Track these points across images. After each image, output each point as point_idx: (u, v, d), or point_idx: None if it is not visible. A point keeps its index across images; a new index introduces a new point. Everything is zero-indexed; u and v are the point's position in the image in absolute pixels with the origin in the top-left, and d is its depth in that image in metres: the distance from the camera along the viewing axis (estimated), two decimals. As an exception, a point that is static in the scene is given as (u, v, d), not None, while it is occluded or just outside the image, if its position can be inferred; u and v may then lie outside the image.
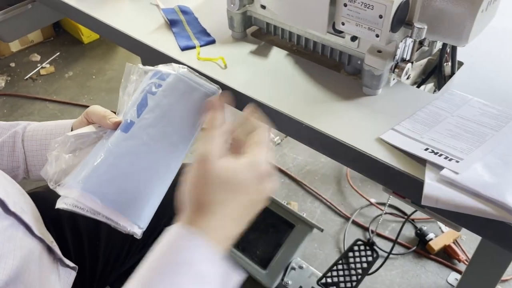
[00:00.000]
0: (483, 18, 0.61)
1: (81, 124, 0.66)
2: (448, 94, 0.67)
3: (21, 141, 0.69)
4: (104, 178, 0.55)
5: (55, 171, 0.58)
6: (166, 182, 0.59)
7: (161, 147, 0.58)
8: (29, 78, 2.21)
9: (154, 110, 0.59)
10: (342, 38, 0.69)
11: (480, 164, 0.53)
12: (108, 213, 0.54)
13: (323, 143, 0.64)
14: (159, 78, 0.61)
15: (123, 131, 0.58)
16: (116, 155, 0.56)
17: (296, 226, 1.37)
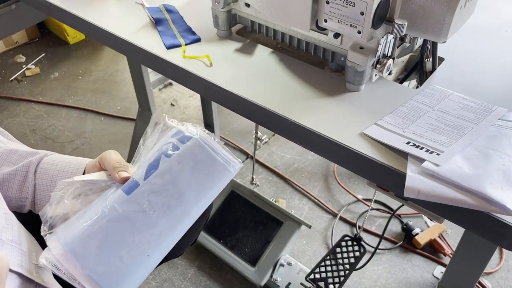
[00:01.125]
0: (462, 15, 0.62)
1: (93, 167, 0.63)
2: (429, 89, 0.68)
3: (33, 172, 0.66)
4: (92, 243, 0.51)
5: (53, 215, 0.55)
6: (156, 259, 0.55)
7: (160, 218, 0.54)
8: (14, 79, 2.18)
9: (163, 176, 0.55)
10: (325, 35, 0.70)
11: (460, 156, 0.55)
12: (85, 282, 0.50)
13: (308, 139, 0.65)
14: (179, 140, 0.56)
15: (125, 192, 0.54)
16: (110, 219, 0.52)
17: (284, 223, 1.38)
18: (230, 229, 1.40)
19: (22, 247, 0.60)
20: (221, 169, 0.57)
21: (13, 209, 0.70)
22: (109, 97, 2.07)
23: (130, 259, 0.52)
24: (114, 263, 0.51)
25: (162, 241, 0.54)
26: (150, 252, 0.53)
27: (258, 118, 0.70)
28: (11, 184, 0.67)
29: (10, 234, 0.59)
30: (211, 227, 1.40)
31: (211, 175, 0.56)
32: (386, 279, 1.36)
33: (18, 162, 0.68)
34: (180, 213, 0.55)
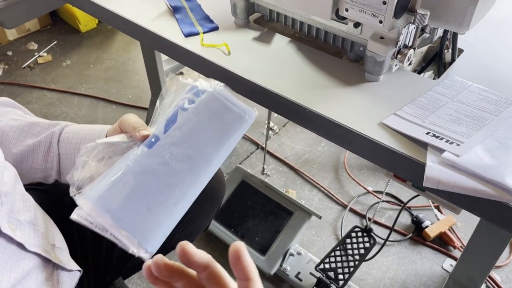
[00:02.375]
0: (484, 5, 0.62)
1: (114, 131, 0.65)
2: (448, 80, 0.68)
3: (57, 142, 0.68)
4: (119, 195, 0.53)
5: (79, 178, 0.56)
6: (182, 208, 0.56)
7: (182, 169, 0.56)
8: (26, 66, 2.20)
9: (182, 128, 0.57)
10: (345, 25, 0.70)
11: (480, 147, 0.55)
12: (116, 232, 0.52)
13: (326, 128, 0.65)
14: (194, 94, 0.59)
15: (147, 146, 0.56)
16: (135, 172, 0.54)
17: (294, 213, 1.39)
18: (241, 218, 1.41)
19: (39, 228, 0.62)
20: (237, 118, 0.59)
21: (40, 179, 0.71)
22: (120, 85, 2.08)
23: (157, 209, 0.54)
24: (142, 213, 0.53)
25: (186, 190, 0.56)
26: (176, 201, 0.55)
27: (276, 107, 0.71)
28: (36, 155, 0.68)
29: (28, 216, 0.60)
30: (222, 216, 1.41)
31: (228, 125, 0.59)
32: (395, 270, 1.37)
33: (40, 134, 0.69)
34: (201, 162, 0.57)
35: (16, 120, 0.70)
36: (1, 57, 2.24)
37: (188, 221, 0.88)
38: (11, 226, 0.53)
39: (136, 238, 0.52)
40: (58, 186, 0.82)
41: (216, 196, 0.94)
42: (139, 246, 0.52)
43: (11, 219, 0.54)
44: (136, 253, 0.52)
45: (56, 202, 0.78)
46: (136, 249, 0.52)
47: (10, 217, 0.54)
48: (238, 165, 1.53)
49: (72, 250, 0.70)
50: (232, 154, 1.73)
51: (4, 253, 0.52)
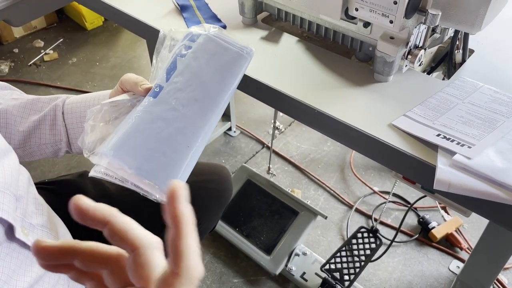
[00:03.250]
0: (496, 6, 0.61)
1: (116, 93, 0.65)
2: (459, 81, 0.67)
3: (61, 114, 0.68)
4: (133, 145, 0.53)
5: (90, 140, 0.57)
6: (196, 150, 0.57)
7: (191, 112, 0.56)
8: (32, 64, 2.20)
9: (183, 74, 0.57)
10: (354, 25, 0.69)
11: (492, 149, 0.54)
12: (136, 180, 0.52)
13: (335, 129, 0.64)
14: (189, 40, 0.59)
15: (152, 96, 0.56)
16: (145, 121, 0.55)
17: (300, 213, 1.38)
18: (246, 218, 1.40)
19: (51, 231, 0.62)
20: (236, 56, 0.60)
21: (51, 155, 0.71)
22: (126, 83, 2.08)
23: (172, 153, 0.54)
24: (158, 158, 0.54)
25: (198, 132, 0.57)
26: (189, 143, 0.56)
27: (283, 107, 0.70)
28: (43, 130, 0.69)
29: (41, 219, 0.60)
30: (227, 215, 1.41)
31: (228, 63, 0.59)
32: (401, 271, 1.36)
33: (43, 108, 0.69)
34: (207, 102, 0.58)
35: (16, 99, 0.70)
36: (7, 55, 2.25)
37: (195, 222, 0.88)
38: (24, 231, 0.53)
39: (157, 184, 0.52)
40: (64, 185, 0.82)
41: (223, 196, 0.94)
42: (162, 191, 0.53)
43: (24, 224, 0.54)
44: (159, 199, 0.52)
45: (62, 202, 0.78)
46: (159, 194, 0.52)
47: (23, 221, 0.54)
48: (243, 164, 1.52)
49: None
50: (237, 153, 1.73)
51: (18, 258, 0.51)
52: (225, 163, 1.70)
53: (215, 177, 0.94)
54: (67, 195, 0.78)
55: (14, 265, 0.51)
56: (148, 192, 0.52)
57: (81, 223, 0.32)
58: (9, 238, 0.51)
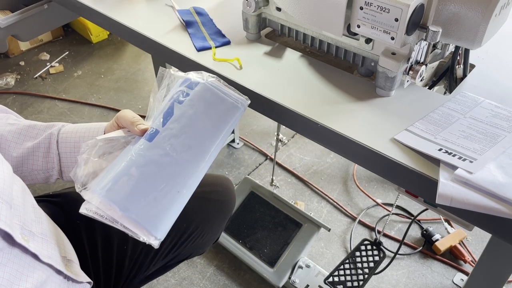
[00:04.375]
0: (496, 22, 0.62)
1: (112, 128, 0.67)
2: (460, 96, 0.68)
3: (55, 143, 0.70)
4: (125, 187, 0.55)
5: (83, 174, 0.59)
6: (186, 195, 0.59)
7: (184, 158, 0.58)
8: (38, 76, 2.23)
9: (180, 120, 0.59)
10: (357, 40, 0.70)
11: (493, 164, 0.55)
12: (126, 222, 0.54)
13: (338, 143, 0.65)
14: (187, 87, 0.61)
15: (147, 139, 0.58)
16: (138, 164, 0.56)
17: (303, 225, 1.39)
18: (249, 230, 1.41)
19: (52, 239, 0.62)
20: (231, 107, 0.62)
21: (42, 181, 0.73)
22: (130, 96, 2.10)
23: (162, 197, 0.56)
24: (148, 202, 0.55)
25: (189, 178, 0.59)
26: (180, 188, 0.58)
27: (287, 121, 0.71)
28: (36, 156, 0.70)
29: (40, 227, 0.61)
30: (230, 227, 1.41)
31: (223, 114, 0.61)
32: (405, 284, 1.36)
33: (38, 136, 0.71)
34: (200, 150, 0.60)
35: (12, 125, 0.71)
36: (13, 67, 2.28)
37: (199, 233, 0.89)
38: (24, 238, 0.54)
39: (146, 227, 0.54)
40: (68, 197, 0.83)
41: (226, 208, 0.95)
42: (149, 234, 0.54)
43: (24, 231, 0.55)
44: (146, 240, 0.54)
45: (66, 215, 0.79)
46: (146, 237, 0.54)
47: (23, 229, 0.55)
48: (246, 176, 1.53)
49: (83, 262, 0.70)
50: (240, 165, 1.74)
51: (19, 263, 0.52)
52: (228, 175, 1.70)
53: (219, 188, 0.95)
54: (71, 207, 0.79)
55: (15, 270, 0.51)
56: (136, 234, 0.54)
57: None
58: (10, 244, 0.52)
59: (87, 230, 0.79)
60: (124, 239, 0.81)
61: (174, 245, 0.85)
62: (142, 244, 0.82)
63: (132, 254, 0.81)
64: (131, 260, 0.81)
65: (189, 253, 0.92)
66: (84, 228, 0.79)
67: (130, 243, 0.81)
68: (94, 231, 0.79)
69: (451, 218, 0.69)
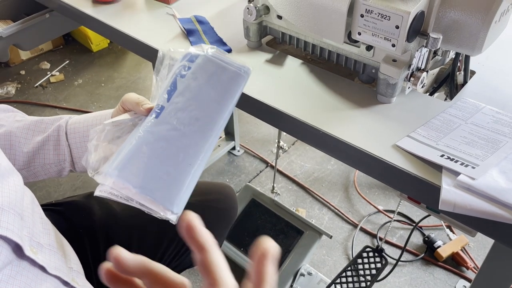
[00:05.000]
0: (496, 29, 0.63)
1: (118, 112, 0.66)
2: (461, 102, 0.68)
3: (64, 134, 0.70)
4: (136, 164, 0.55)
5: (94, 160, 0.59)
6: (198, 168, 0.58)
7: (191, 131, 0.58)
8: (39, 85, 2.23)
9: (184, 94, 0.59)
10: (357, 48, 0.71)
11: (496, 170, 0.55)
12: (140, 199, 0.53)
13: (340, 150, 0.65)
14: (188, 60, 0.61)
15: (154, 116, 0.58)
16: (147, 141, 0.56)
17: (305, 232, 1.38)
18: (251, 237, 1.40)
19: (59, 251, 0.62)
20: (234, 75, 0.62)
21: (54, 174, 0.73)
22: (131, 104, 2.10)
23: (175, 172, 0.56)
24: (161, 177, 0.55)
25: (199, 150, 0.58)
26: (191, 161, 0.57)
27: (289, 129, 0.71)
28: (47, 150, 0.70)
29: (48, 239, 0.61)
30: (232, 235, 1.41)
31: (227, 83, 0.61)
32: (407, 291, 1.35)
33: (47, 129, 0.70)
34: (208, 121, 0.59)
35: (20, 121, 0.71)
36: (14, 76, 2.28)
37: None
38: (33, 250, 0.54)
39: (161, 202, 0.54)
40: (71, 206, 0.83)
41: (228, 216, 0.95)
42: (165, 208, 0.54)
43: (33, 243, 0.55)
44: (163, 216, 0.54)
45: (69, 223, 0.78)
46: (163, 212, 0.54)
47: (32, 241, 0.55)
48: (247, 184, 1.53)
49: (86, 272, 0.70)
50: (241, 172, 1.74)
51: (28, 276, 0.52)
52: (229, 182, 1.70)
53: (221, 196, 0.95)
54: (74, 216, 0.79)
55: (24, 283, 0.51)
56: (152, 210, 0.54)
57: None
58: (19, 256, 0.52)
59: (90, 239, 0.79)
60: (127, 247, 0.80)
61: (176, 254, 0.85)
62: (144, 253, 0.81)
63: None
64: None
65: (191, 262, 0.92)
66: (87, 237, 0.79)
67: (133, 251, 0.81)
68: (97, 240, 0.79)
69: (454, 224, 0.69)
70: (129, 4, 1.00)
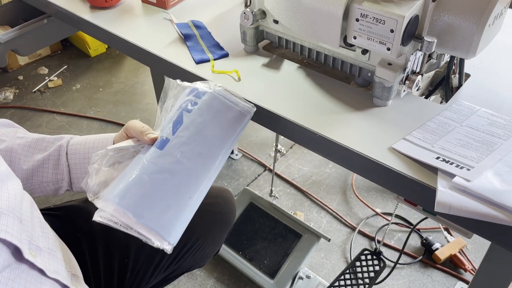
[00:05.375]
0: (490, 32, 0.63)
1: (121, 138, 0.68)
2: (456, 104, 0.69)
3: (65, 154, 0.71)
4: (138, 194, 0.56)
5: (95, 183, 0.60)
6: (197, 200, 0.60)
7: (194, 165, 0.60)
8: (37, 90, 2.24)
9: (189, 128, 0.60)
10: (353, 51, 0.71)
11: (491, 172, 0.55)
12: (140, 228, 0.55)
13: (337, 153, 0.66)
14: (195, 96, 0.63)
15: (158, 148, 0.59)
16: (151, 172, 0.58)
17: (303, 236, 1.39)
18: (249, 241, 1.41)
19: (58, 254, 0.62)
20: (238, 114, 0.64)
21: (51, 192, 0.73)
22: (129, 108, 2.11)
23: (175, 203, 0.58)
24: (162, 208, 0.57)
25: (200, 184, 0.60)
26: (191, 194, 0.59)
27: (286, 132, 0.72)
28: (46, 168, 0.71)
29: (47, 242, 0.61)
30: (230, 239, 1.41)
31: (231, 121, 0.63)
32: (406, 294, 1.35)
33: (48, 148, 0.71)
34: (210, 157, 0.61)
35: (21, 138, 0.72)
36: (12, 82, 2.29)
37: (199, 246, 0.89)
38: (32, 253, 0.54)
39: (159, 233, 0.56)
40: (69, 211, 0.83)
41: (227, 219, 0.95)
42: (163, 239, 0.56)
43: (32, 246, 0.55)
44: (160, 246, 0.56)
45: (67, 228, 0.79)
46: (160, 242, 0.56)
47: (31, 244, 0.55)
48: (246, 187, 1.53)
49: (85, 276, 0.70)
50: (239, 176, 1.74)
51: (27, 279, 0.52)
52: (228, 186, 1.70)
53: (219, 200, 0.95)
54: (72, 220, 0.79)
55: (23, 286, 0.52)
56: (150, 240, 0.55)
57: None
58: (18, 259, 0.52)
59: (89, 243, 0.79)
60: (126, 252, 0.81)
61: (175, 258, 0.85)
62: (143, 257, 0.82)
63: (133, 267, 0.81)
64: (132, 273, 0.81)
65: (189, 266, 0.92)
66: (85, 241, 0.79)
67: (132, 256, 0.81)
68: (95, 245, 0.79)
69: (450, 226, 0.70)
70: (126, 9, 1.01)
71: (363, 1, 0.62)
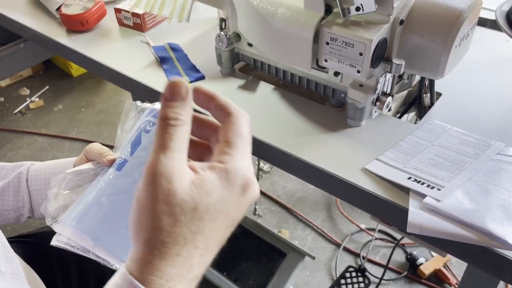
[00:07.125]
0: (458, 53, 0.65)
1: (81, 161, 0.67)
2: (428, 124, 0.70)
3: (25, 181, 0.70)
4: (95, 216, 0.55)
5: (53, 208, 0.59)
6: None
7: None
8: (18, 112, 2.21)
9: (147, 149, 0.60)
10: (326, 73, 0.72)
11: (460, 191, 0.56)
12: (98, 251, 0.54)
13: (310, 174, 0.66)
14: (153, 116, 0.62)
15: (116, 169, 0.59)
16: (108, 193, 0.57)
17: (288, 254, 1.38)
18: (234, 261, 1.39)
19: (23, 279, 0.61)
20: None
21: (12, 221, 0.72)
22: (112, 128, 2.10)
23: None
24: (120, 230, 0.55)
25: None
26: None
27: (261, 154, 0.72)
28: (6, 196, 0.70)
29: (10, 267, 0.60)
30: (214, 260, 1.39)
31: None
32: (391, 310, 1.35)
33: (8, 176, 0.71)
34: None
35: None
36: (-7, 104, 2.27)
37: None
38: None
39: (118, 255, 0.55)
40: (42, 237, 0.82)
41: None
42: (122, 261, 0.55)
43: None
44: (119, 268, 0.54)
45: (41, 255, 0.77)
46: (119, 264, 0.54)
47: None
48: (229, 206, 1.52)
49: None
50: (224, 195, 1.73)
51: None
52: (212, 206, 1.69)
53: None
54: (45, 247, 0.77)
55: None
56: (109, 263, 0.54)
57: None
58: None
59: (62, 270, 0.77)
60: (100, 279, 0.79)
61: None
62: None
63: None
64: None
65: None
66: (58, 266, 0.77)
67: (107, 279, 0.80)
68: (68, 272, 0.78)
69: (426, 246, 0.70)
70: (103, 32, 1.01)
71: (332, 25, 0.63)
